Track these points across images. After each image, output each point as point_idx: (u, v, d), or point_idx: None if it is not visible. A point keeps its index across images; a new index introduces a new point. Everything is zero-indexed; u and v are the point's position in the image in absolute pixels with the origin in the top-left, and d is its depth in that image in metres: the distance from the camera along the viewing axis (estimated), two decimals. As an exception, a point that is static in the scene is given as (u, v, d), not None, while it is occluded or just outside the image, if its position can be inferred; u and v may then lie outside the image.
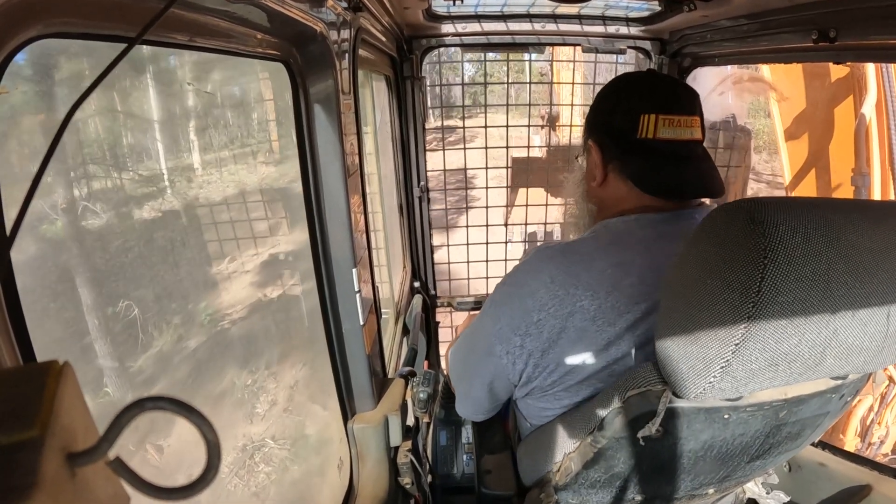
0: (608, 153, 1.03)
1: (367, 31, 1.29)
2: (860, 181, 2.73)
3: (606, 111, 1.04)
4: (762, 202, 0.64)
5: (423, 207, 2.36)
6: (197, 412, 0.26)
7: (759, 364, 0.67)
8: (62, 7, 0.42)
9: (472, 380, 1.09)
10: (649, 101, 0.98)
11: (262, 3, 0.68)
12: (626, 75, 1.08)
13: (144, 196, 1.43)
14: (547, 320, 0.90)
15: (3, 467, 0.21)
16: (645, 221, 0.97)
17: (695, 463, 0.85)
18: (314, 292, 1.15)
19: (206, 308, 1.59)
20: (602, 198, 1.06)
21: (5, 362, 0.37)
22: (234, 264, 1.90)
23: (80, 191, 1.22)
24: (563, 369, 0.91)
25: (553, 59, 4.69)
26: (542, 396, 0.98)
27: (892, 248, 0.67)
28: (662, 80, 1.06)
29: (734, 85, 3.45)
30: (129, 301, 1.24)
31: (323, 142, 1.01)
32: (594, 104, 1.08)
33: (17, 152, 0.86)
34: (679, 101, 0.99)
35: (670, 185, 0.99)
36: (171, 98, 1.62)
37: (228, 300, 1.80)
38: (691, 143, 0.99)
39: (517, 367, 0.96)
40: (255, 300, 1.93)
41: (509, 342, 0.94)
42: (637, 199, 1.00)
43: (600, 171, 1.03)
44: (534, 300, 0.91)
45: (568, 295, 0.88)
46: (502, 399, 1.11)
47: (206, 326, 1.56)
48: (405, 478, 1.29)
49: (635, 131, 0.98)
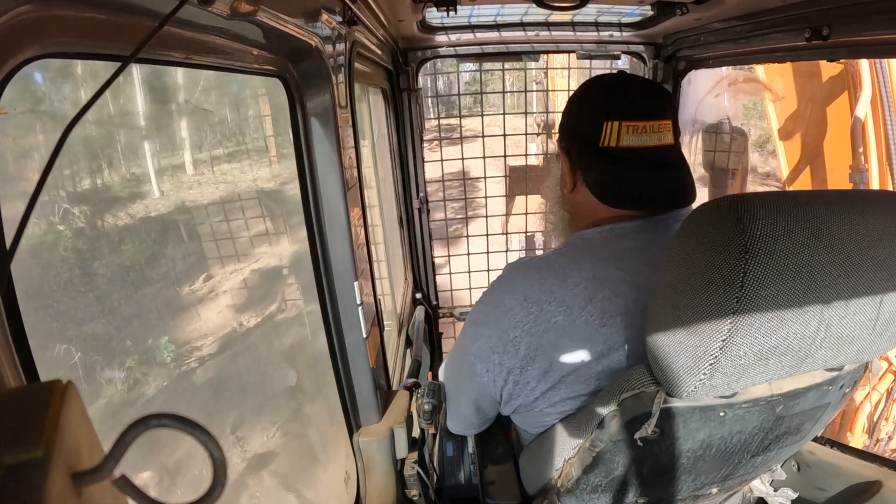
0: (574, 160, 1.00)
1: (363, 45, 1.30)
2: (858, 178, 2.74)
3: (573, 117, 1.01)
4: (743, 198, 0.64)
5: (422, 219, 2.37)
6: (202, 428, 0.26)
7: (749, 359, 0.68)
8: (59, 27, 0.42)
9: (459, 398, 1.09)
10: (614, 107, 0.93)
11: (258, 19, 0.68)
12: (597, 78, 1.04)
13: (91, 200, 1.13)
14: (522, 337, 0.89)
15: (10, 487, 0.21)
16: (619, 231, 0.95)
17: (695, 462, 0.85)
18: (300, 319, 1.09)
19: (169, 344, 1.26)
20: (574, 204, 1.04)
21: (9, 382, 0.37)
22: (211, 283, 1.57)
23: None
24: (544, 386, 0.90)
25: (548, 66, 4.72)
26: (529, 413, 0.97)
27: (878, 237, 0.67)
28: (632, 82, 1.00)
29: (729, 86, 3.47)
30: (67, 345, 0.90)
31: (321, 156, 1.01)
32: (566, 108, 1.04)
33: (15, 167, 0.80)
34: (647, 105, 0.94)
35: (633, 197, 0.95)
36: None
37: (198, 330, 1.45)
38: (660, 148, 0.94)
39: (497, 384, 0.95)
40: (230, 330, 1.57)
41: (489, 360, 0.94)
42: (606, 209, 0.97)
43: (569, 177, 1.01)
44: (509, 318, 0.91)
45: (542, 312, 0.88)
46: (491, 415, 1.11)
47: (167, 367, 1.26)
48: (412, 490, 1.28)
49: (598, 139, 0.94)
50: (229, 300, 1.55)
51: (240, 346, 1.55)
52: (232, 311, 1.56)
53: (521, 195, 4.23)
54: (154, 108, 1.21)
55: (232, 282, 1.60)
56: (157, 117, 1.27)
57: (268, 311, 1.68)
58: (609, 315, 0.86)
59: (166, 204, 1.32)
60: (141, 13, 0.51)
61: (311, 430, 1.42)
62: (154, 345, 1.21)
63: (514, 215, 4.59)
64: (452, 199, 2.80)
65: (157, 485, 1.11)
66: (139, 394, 1.12)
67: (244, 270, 1.66)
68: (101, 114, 1.03)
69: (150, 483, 1.10)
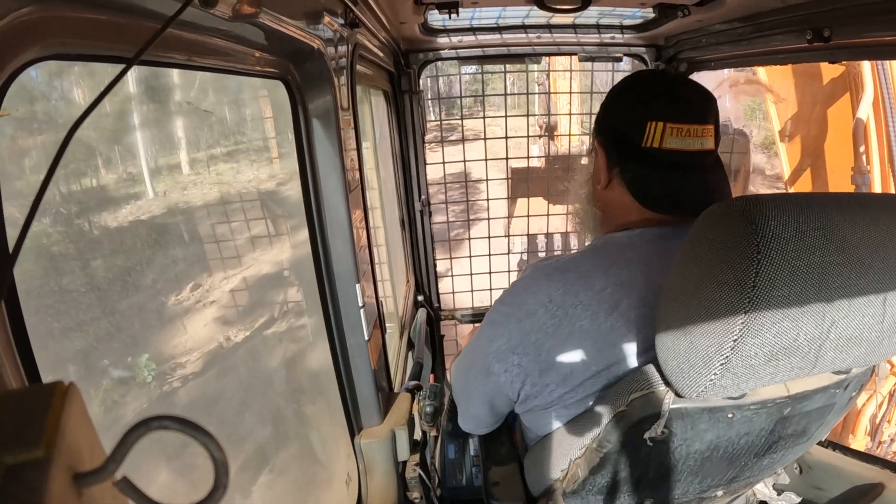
0: (612, 157, 0.98)
1: (365, 47, 1.30)
2: (860, 179, 2.73)
3: (614, 112, 1.00)
4: (755, 199, 0.64)
5: (424, 221, 2.37)
6: (203, 430, 0.26)
7: (759, 359, 0.68)
8: (61, 29, 0.42)
9: (473, 397, 1.08)
10: (659, 107, 0.91)
11: (260, 21, 0.68)
12: (640, 74, 1.03)
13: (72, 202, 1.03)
14: (545, 340, 0.88)
15: (10, 487, 0.21)
16: (649, 236, 0.93)
17: (701, 464, 0.85)
18: (292, 337, 1.06)
19: (150, 362, 1.15)
20: (607, 203, 1.02)
21: (10, 383, 0.37)
22: (199, 292, 1.42)
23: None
24: (563, 389, 0.89)
25: (550, 68, 4.72)
26: (543, 413, 0.96)
27: (888, 240, 0.68)
28: (677, 82, 0.97)
29: (731, 88, 3.47)
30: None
31: (323, 158, 1.01)
32: (605, 101, 1.02)
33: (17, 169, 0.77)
34: (692, 107, 0.92)
35: (671, 199, 0.94)
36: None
37: (183, 345, 1.30)
38: (700, 153, 0.93)
39: (515, 385, 0.94)
40: (217, 346, 1.39)
41: (507, 361, 0.92)
42: (640, 210, 0.95)
43: (605, 174, 0.99)
44: (532, 321, 0.89)
45: (567, 315, 0.87)
46: (504, 413, 1.09)
47: (147, 387, 1.14)
48: (414, 492, 1.28)
49: (641, 138, 0.92)
50: (216, 312, 1.44)
51: (228, 362, 1.43)
52: (220, 323, 1.44)
53: (523, 197, 4.24)
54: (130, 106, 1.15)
55: (220, 291, 1.49)
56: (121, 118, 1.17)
57: (261, 322, 1.57)
58: (634, 323, 0.84)
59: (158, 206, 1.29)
60: (143, 15, 0.51)
61: (312, 432, 1.40)
62: (133, 363, 1.12)
63: (517, 217, 4.60)
64: (454, 202, 2.80)
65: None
66: (117, 417, 1.04)
67: (234, 278, 1.56)
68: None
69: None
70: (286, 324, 1.50)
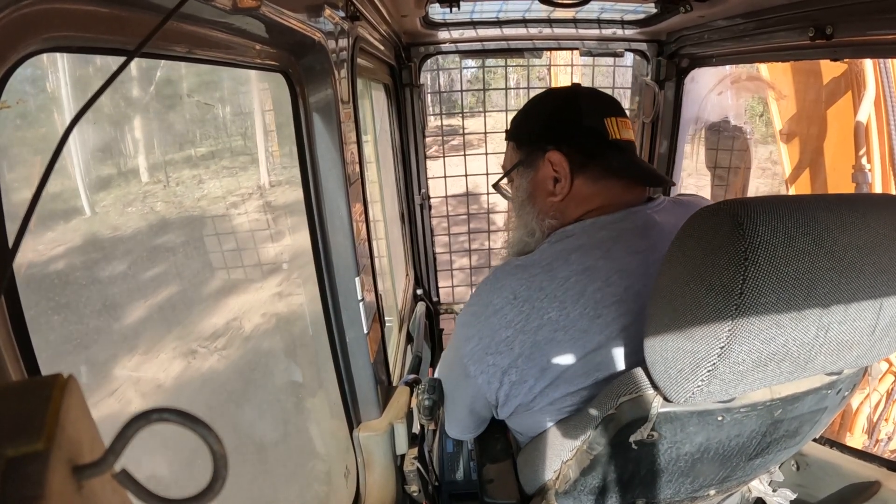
0: (576, 160, 1.02)
1: (365, 40, 1.30)
2: (860, 178, 2.73)
3: (568, 120, 1.04)
4: (744, 203, 0.64)
5: (424, 215, 2.37)
6: (202, 423, 0.26)
7: (747, 365, 0.67)
8: (61, 21, 0.42)
9: (455, 402, 1.10)
10: (604, 108, 1.05)
11: (260, 13, 0.68)
12: (555, 90, 1.16)
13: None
14: (516, 336, 0.89)
15: (10, 480, 0.21)
16: (601, 223, 0.98)
17: (692, 465, 0.85)
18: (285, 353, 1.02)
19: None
20: (563, 209, 1.05)
21: (10, 376, 0.38)
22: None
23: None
24: (543, 383, 0.90)
25: (550, 63, 4.70)
26: (528, 414, 0.97)
27: (879, 242, 0.67)
28: (596, 90, 1.13)
29: (732, 84, 3.46)
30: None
31: (323, 151, 1.01)
32: (540, 120, 1.09)
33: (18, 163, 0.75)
34: (619, 106, 1.07)
35: (643, 178, 1.06)
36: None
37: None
38: (632, 141, 1.08)
39: (493, 386, 0.95)
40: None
41: (482, 362, 0.94)
42: (604, 197, 1.02)
43: (567, 180, 1.03)
44: (499, 318, 0.91)
45: (534, 309, 0.88)
46: (486, 418, 1.11)
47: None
48: (412, 485, 1.28)
49: (607, 133, 1.02)
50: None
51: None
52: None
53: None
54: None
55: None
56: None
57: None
58: (603, 305, 0.86)
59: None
60: (143, 7, 0.51)
61: (311, 426, 1.40)
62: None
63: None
64: (456, 215, 2.77)
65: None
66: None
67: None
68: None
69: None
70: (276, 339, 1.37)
